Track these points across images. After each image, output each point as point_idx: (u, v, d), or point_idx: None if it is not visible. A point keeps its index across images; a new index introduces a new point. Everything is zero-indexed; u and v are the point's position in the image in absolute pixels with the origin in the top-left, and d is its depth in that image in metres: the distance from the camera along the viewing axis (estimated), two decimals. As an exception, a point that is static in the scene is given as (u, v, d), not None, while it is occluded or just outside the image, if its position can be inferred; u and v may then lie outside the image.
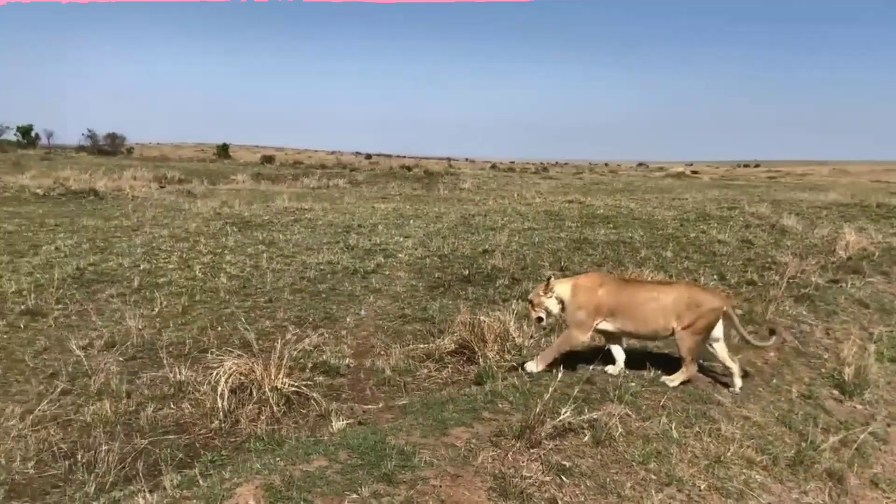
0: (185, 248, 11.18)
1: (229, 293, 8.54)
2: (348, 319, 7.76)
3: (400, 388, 5.90)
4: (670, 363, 5.89)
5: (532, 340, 6.86)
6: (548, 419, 4.39)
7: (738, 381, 5.82)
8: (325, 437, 4.40)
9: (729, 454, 4.65)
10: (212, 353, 5.83)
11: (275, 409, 5.03)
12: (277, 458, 3.89)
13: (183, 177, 27.87)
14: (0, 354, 6.23)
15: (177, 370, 5.76)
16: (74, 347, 6.33)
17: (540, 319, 5.87)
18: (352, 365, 6.36)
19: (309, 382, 5.53)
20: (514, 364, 6.13)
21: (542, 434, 4.33)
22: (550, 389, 4.58)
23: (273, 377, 5.22)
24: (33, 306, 7.61)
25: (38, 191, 18.59)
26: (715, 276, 9.59)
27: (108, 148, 56.05)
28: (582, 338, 5.75)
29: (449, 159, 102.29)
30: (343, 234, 12.96)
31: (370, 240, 12.33)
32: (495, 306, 7.96)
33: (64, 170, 23.62)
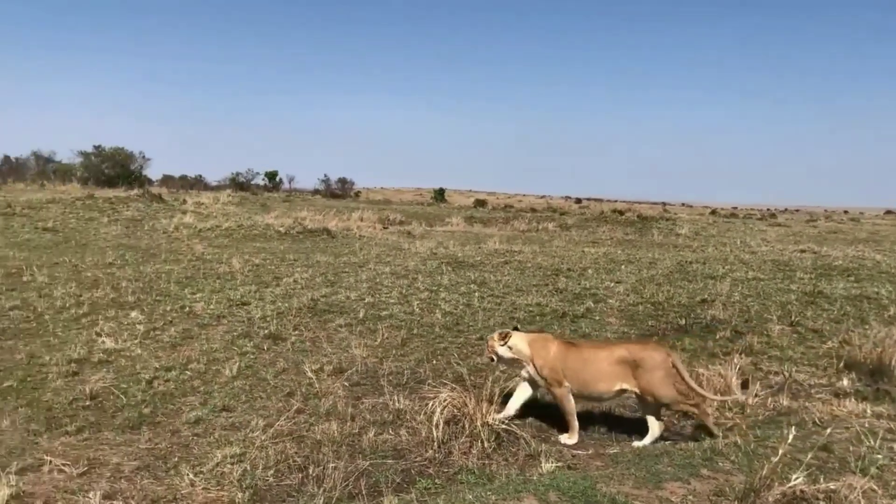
0: (404, 285, 11.86)
1: (444, 329, 8.91)
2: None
3: (610, 436, 5.75)
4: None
5: (757, 399, 6.34)
6: (776, 484, 4.01)
7: (646, 438, 5.58)
8: (535, 478, 4.40)
9: None
10: (428, 384, 6.11)
11: (485, 444, 5.13)
12: (489, 492, 3.96)
13: (403, 219, 29.69)
14: (247, 372, 7.02)
15: (395, 398, 6.12)
16: (308, 370, 6.97)
17: (491, 360, 6.15)
18: (561, 408, 6.31)
19: (518, 422, 5.59)
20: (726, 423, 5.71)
21: (769, 499, 3.96)
22: (780, 452, 4.20)
23: (485, 413, 5.35)
24: (275, 331, 8.49)
25: (281, 229, 20.78)
26: None
27: (339, 191, 61.34)
28: (566, 393, 5.71)
29: (664, 204, 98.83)
30: (552, 277, 12.99)
31: (579, 284, 12.23)
32: (715, 359, 7.51)
33: (302, 211, 26.27)
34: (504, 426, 5.35)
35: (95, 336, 7.89)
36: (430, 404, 5.48)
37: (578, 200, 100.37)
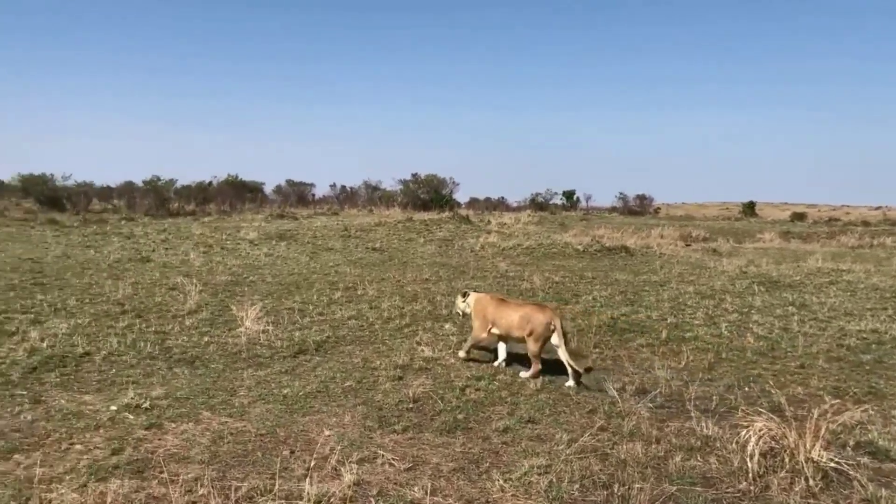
0: (710, 305, 11.23)
1: (756, 354, 8.23)
2: (901, 398, 6.67)
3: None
4: None
5: None
6: None
7: (570, 382, 7.12)
8: (875, 528, 3.84)
9: None
10: (742, 410, 5.68)
11: (811, 482, 4.61)
12: (817, 538, 3.55)
13: (707, 235, 28.19)
14: (550, 387, 7.20)
15: (703, 424, 5.80)
16: (610, 389, 6.94)
17: (457, 314, 8.34)
18: (906, 452, 5.43)
19: (851, 462, 4.92)
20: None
21: None
22: None
23: (808, 448, 4.81)
24: (575, 348, 8.59)
25: (578, 247, 21.05)
26: None
27: (637, 208, 60.26)
28: (480, 335, 7.78)
29: None
30: (891, 300, 11.27)
31: (929, 308, 10.42)
32: None
33: (599, 229, 26.40)
34: (833, 464, 4.75)
35: (416, 345, 8.75)
36: (744, 433, 5.08)
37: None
